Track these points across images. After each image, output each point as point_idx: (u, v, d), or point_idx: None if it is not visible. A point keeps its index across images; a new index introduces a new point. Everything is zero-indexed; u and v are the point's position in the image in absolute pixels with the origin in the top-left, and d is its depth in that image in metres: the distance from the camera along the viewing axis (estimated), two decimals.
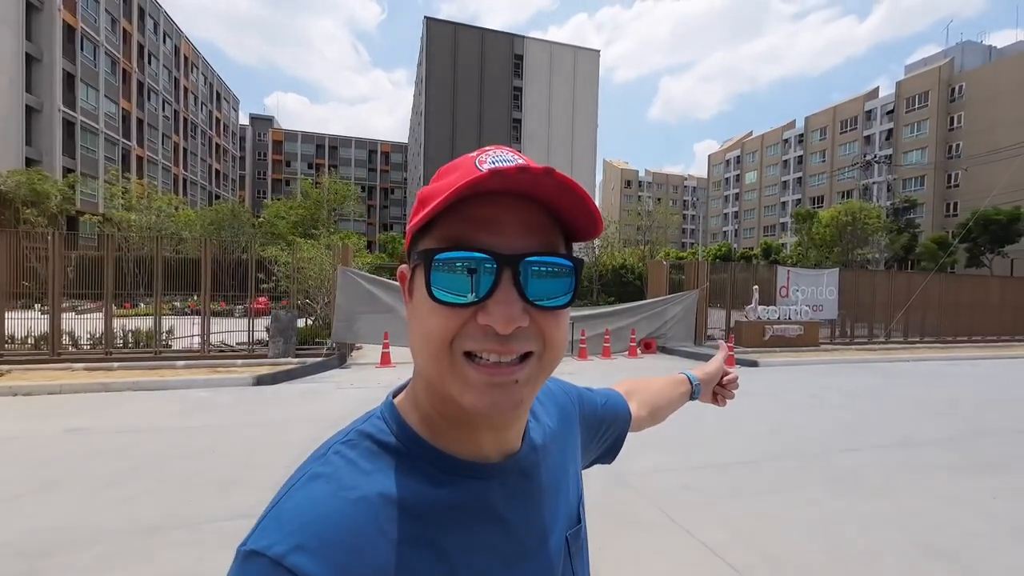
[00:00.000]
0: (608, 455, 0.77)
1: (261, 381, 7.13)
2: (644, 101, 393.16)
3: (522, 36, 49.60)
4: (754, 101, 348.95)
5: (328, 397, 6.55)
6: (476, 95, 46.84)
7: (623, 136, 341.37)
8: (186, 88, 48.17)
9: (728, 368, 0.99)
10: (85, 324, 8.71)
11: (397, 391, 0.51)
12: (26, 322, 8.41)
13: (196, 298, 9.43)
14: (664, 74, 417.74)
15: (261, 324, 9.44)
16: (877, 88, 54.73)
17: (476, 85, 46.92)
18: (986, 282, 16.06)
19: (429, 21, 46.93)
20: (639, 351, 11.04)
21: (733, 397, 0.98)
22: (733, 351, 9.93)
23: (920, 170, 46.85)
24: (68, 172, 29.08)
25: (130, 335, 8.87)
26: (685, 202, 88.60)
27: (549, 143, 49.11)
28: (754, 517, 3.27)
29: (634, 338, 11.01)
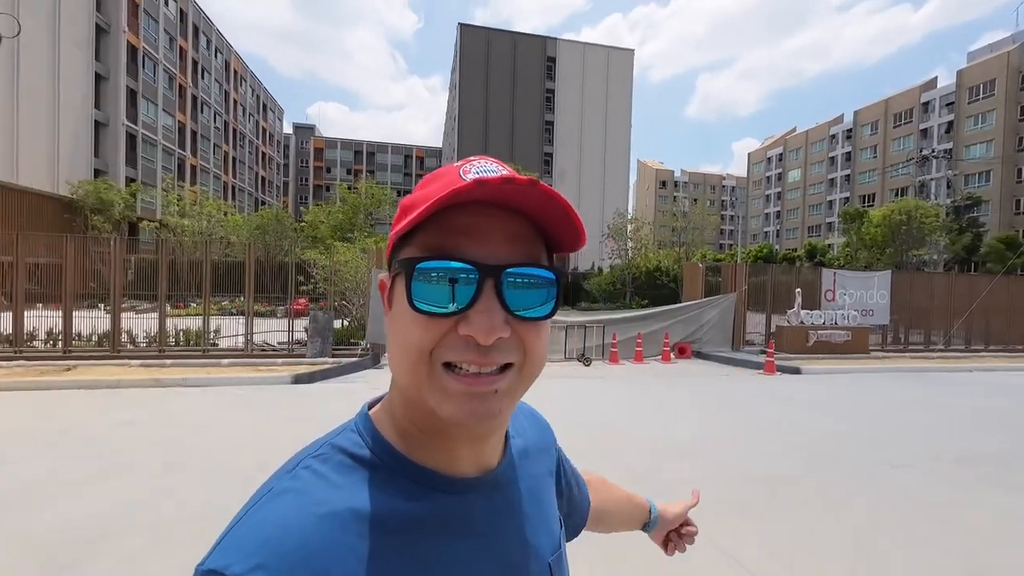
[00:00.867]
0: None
1: (299, 380, 7.41)
2: (681, 100, 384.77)
3: (554, 38, 49.63)
4: (797, 97, 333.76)
5: (360, 396, 6.58)
6: (508, 98, 47.19)
7: (659, 136, 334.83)
8: (235, 100, 50.80)
9: (690, 519, 0.87)
10: (142, 323, 9.35)
11: (373, 403, 0.50)
12: (91, 321, 9.09)
13: (242, 299, 9.93)
14: (701, 72, 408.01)
15: (300, 325, 9.82)
16: (935, 78, 51.26)
17: (508, 88, 47.28)
18: None
19: (463, 27, 47.71)
20: (673, 355, 10.78)
21: (684, 551, 0.85)
22: (774, 366, 9.48)
23: (985, 164, 43.48)
24: (130, 181, 31.26)
25: (181, 334, 9.44)
26: (723, 202, 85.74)
27: (581, 144, 48.81)
28: (790, 533, 3.12)
29: (667, 342, 10.77)
